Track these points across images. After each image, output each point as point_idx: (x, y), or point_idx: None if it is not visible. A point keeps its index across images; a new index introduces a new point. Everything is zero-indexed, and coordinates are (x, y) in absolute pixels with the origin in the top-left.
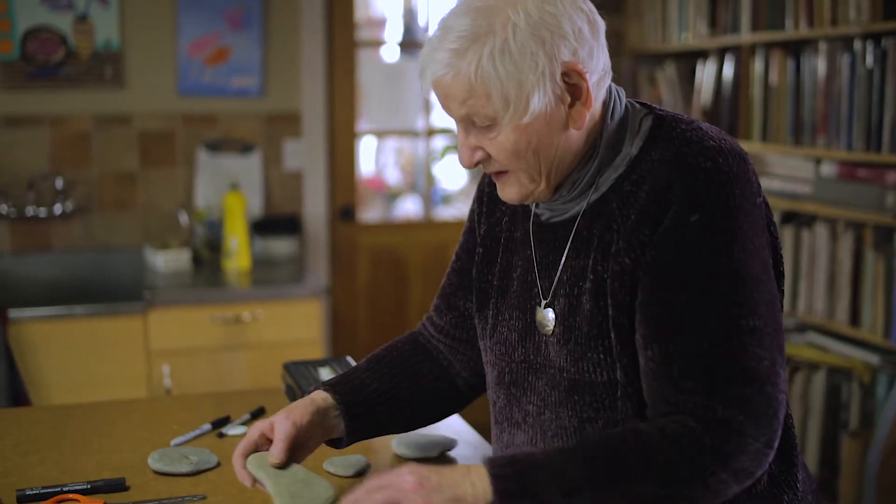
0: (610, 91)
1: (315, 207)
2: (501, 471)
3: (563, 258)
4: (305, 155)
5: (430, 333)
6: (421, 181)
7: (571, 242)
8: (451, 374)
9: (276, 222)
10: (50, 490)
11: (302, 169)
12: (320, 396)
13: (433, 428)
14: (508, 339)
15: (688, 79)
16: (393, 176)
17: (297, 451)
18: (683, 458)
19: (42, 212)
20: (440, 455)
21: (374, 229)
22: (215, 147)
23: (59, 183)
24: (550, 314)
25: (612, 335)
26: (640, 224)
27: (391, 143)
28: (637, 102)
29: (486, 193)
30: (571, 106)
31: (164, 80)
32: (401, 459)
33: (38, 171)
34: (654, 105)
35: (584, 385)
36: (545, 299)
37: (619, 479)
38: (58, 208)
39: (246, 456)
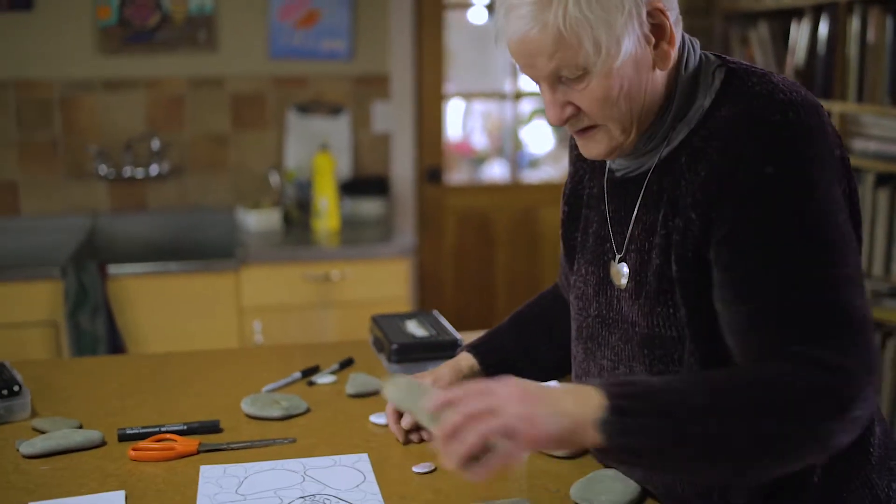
0: (683, 40)
1: (403, 169)
2: (616, 389)
3: (635, 213)
4: (393, 117)
5: (563, 284)
6: (508, 145)
7: (642, 197)
8: None
9: (364, 183)
10: (149, 430)
11: (390, 131)
12: (464, 359)
13: None
14: (585, 293)
15: (781, 38)
16: (480, 141)
17: None
18: (809, 397)
19: (139, 172)
20: None
21: (460, 191)
22: (305, 109)
23: (154, 144)
24: (624, 268)
25: (677, 290)
26: (709, 180)
27: (478, 107)
28: (711, 54)
29: (572, 152)
30: (656, 47)
31: (256, 43)
32: None
33: (134, 132)
34: (727, 57)
35: (655, 339)
36: (618, 254)
37: (742, 411)
38: (153, 169)
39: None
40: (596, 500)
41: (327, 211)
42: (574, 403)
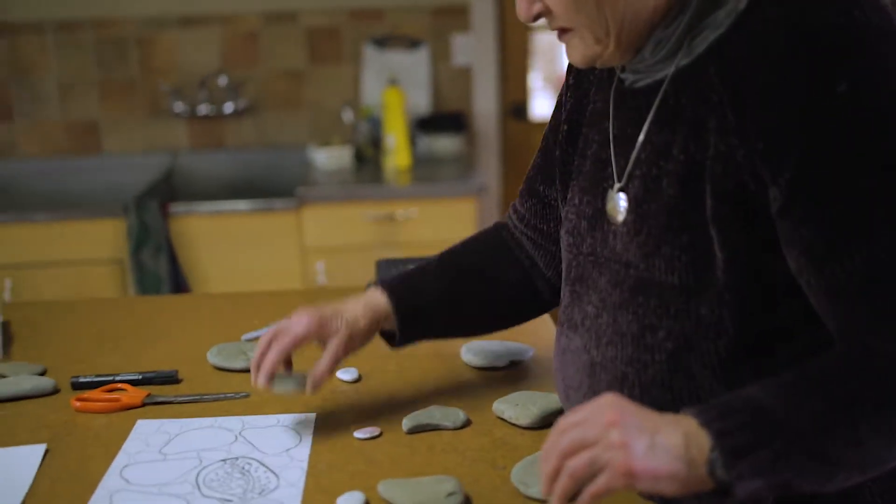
0: None
1: (485, 104)
2: (719, 424)
3: (644, 132)
4: (474, 50)
5: (513, 223)
6: None
7: (654, 114)
8: (531, 277)
9: (441, 119)
10: (102, 379)
11: (471, 64)
12: (376, 300)
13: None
14: (577, 227)
15: None
16: None
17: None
18: None
19: (215, 110)
20: (508, 365)
21: None
22: (382, 43)
23: (223, 81)
24: (622, 200)
25: (713, 230)
26: (755, 101)
27: None
28: None
29: None
30: None
31: None
32: (467, 367)
33: (209, 70)
34: None
35: (652, 285)
36: (619, 182)
37: (869, 409)
38: (228, 107)
39: (283, 359)
40: (532, 485)
41: (396, 148)
42: (682, 438)
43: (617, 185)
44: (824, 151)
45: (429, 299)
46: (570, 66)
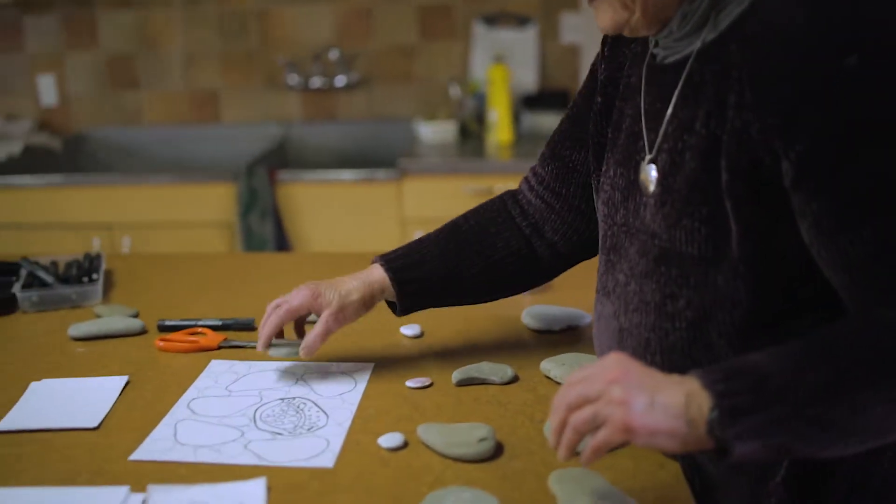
0: None
1: None
2: (722, 386)
3: (671, 106)
4: (583, 28)
5: (529, 186)
6: None
7: (681, 88)
8: (530, 243)
9: (547, 97)
10: (185, 323)
11: (579, 43)
12: (373, 274)
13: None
14: (612, 198)
15: None
16: None
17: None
18: None
19: (327, 83)
20: (564, 329)
21: None
22: (492, 20)
23: (336, 55)
24: (653, 171)
25: (727, 203)
26: (770, 76)
27: None
28: None
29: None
30: None
31: None
32: (526, 329)
33: (323, 44)
34: None
35: (674, 256)
36: (649, 154)
37: (872, 378)
38: (340, 80)
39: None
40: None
41: (498, 123)
42: (686, 395)
43: (648, 157)
44: (833, 125)
45: (425, 269)
46: (605, 37)
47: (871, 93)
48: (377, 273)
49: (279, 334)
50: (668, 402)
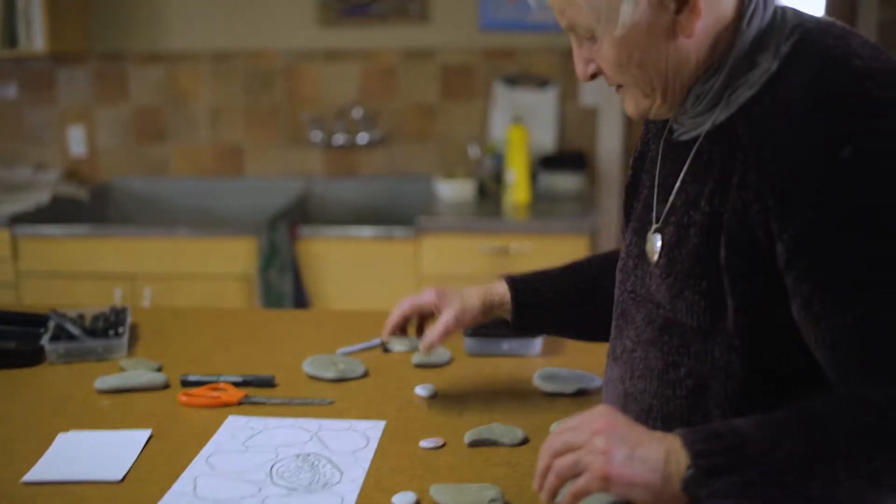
0: None
1: (609, 144)
2: (701, 446)
3: (679, 181)
4: (602, 91)
5: None
6: None
7: (690, 164)
8: None
9: (565, 158)
10: (207, 379)
11: (598, 105)
12: (498, 290)
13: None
14: (626, 265)
15: None
16: None
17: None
18: None
19: (350, 140)
20: (575, 392)
21: None
22: (512, 81)
23: (358, 113)
24: (658, 241)
25: (725, 279)
26: (771, 161)
27: None
28: (793, 10)
29: None
30: (678, 12)
31: (466, 15)
32: (538, 391)
33: (347, 101)
34: (810, 14)
35: (676, 326)
36: (655, 224)
37: (847, 452)
38: (363, 137)
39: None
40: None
41: (515, 184)
42: (665, 452)
43: (654, 227)
44: (825, 213)
45: (543, 298)
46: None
47: (862, 187)
48: (500, 288)
49: (402, 331)
50: (647, 456)
